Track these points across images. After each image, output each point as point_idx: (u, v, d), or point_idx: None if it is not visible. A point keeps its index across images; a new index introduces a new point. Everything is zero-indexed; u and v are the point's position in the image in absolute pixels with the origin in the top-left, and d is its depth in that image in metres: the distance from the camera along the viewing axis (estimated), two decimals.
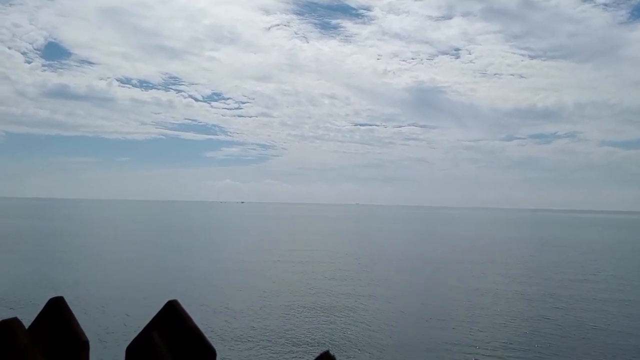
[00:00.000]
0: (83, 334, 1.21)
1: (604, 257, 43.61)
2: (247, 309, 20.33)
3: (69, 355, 1.19)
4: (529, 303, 22.74)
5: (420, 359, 14.80)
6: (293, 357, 14.48)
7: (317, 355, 0.76)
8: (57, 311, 1.27)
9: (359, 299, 22.73)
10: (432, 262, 37.39)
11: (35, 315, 1.33)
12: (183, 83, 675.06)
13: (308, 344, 15.62)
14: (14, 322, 1.13)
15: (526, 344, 16.13)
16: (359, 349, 15.39)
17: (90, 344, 1.22)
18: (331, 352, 0.76)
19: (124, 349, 1.04)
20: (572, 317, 19.88)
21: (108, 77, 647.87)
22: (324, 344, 15.67)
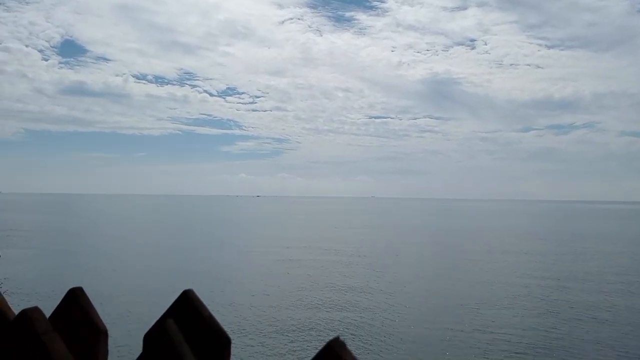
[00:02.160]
0: (102, 322, 1.23)
1: (628, 250, 42.93)
2: (262, 298, 20.52)
3: (88, 343, 1.22)
4: (551, 297, 22.56)
5: (432, 351, 14.77)
6: (305, 343, 14.62)
7: (328, 340, 0.77)
8: (76, 301, 1.30)
9: (373, 292, 22.76)
10: (451, 257, 37.23)
11: (56, 305, 1.36)
12: (198, 78, 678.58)
13: (320, 332, 15.75)
14: (34, 311, 1.16)
15: (549, 339, 16.01)
16: (371, 336, 15.44)
17: (109, 332, 1.25)
18: (341, 338, 0.77)
19: (142, 337, 1.06)
20: (600, 314, 19.65)
21: (124, 74, 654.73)
22: (335, 331, 15.76)
